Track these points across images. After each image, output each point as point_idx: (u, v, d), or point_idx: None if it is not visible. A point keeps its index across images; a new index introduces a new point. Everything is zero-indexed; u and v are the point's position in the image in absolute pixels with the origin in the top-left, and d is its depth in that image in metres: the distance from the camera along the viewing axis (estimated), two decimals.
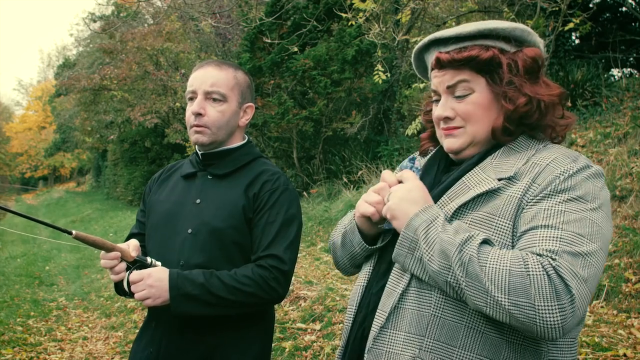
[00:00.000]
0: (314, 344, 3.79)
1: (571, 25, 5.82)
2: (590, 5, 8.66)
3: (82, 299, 7.11)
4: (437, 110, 1.21)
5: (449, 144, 1.21)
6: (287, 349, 3.74)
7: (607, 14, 9.87)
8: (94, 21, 22.87)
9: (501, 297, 0.96)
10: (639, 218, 4.29)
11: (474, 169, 1.17)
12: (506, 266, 0.97)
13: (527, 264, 0.96)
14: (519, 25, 1.18)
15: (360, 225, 1.27)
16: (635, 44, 9.35)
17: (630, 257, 3.90)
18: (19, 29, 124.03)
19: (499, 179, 1.11)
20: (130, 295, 1.54)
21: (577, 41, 9.84)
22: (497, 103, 1.17)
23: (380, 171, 7.79)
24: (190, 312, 1.52)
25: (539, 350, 1.07)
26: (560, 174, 1.07)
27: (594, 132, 6.14)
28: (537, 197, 1.06)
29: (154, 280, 1.49)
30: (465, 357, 1.06)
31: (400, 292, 1.13)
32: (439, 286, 1.08)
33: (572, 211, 1.03)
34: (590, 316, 3.46)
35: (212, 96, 1.64)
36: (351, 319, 1.25)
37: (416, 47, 1.28)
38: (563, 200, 1.04)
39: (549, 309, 0.94)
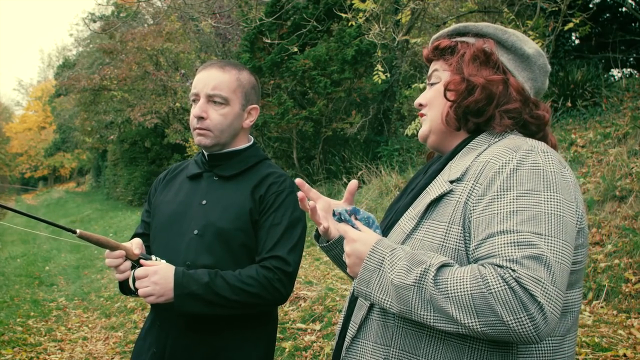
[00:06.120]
0: (314, 344, 3.79)
1: (571, 25, 5.81)
2: (590, 6, 8.66)
3: (82, 299, 7.10)
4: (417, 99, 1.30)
5: (419, 132, 1.28)
6: (287, 349, 3.74)
7: (607, 14, 9.88)
8: (94, 21, 22.84)
9: (471, 322, 0.94)
10: (639, 218, 4.29)
11: (437, 177, 1.18)
12: (467, 290, 0.94)
13: (487, 281, 0.93)
14: (495, 26, 1.21)
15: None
16: (635, 44, 9.36)
17: (630, 257, 3.90)
18: (19, 29, 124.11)
19: (451, 181, 1.11)
20: (136, 293, 1.53)
21: (577, 41, 9.85)
22: None
23: (381, 171, 7.79)
24: (194, 311, 1.52)
25: (506, 355, 1.05)
26: (500, 168, 1.04)
27: (594, 132, 6.14)
28: (486, 199, 1.03)
29: (159, 278, 1.49)
30: None
31: (368, 305, 1.17)
32: None
33: (526, 208, 0.98)
34: (590, 316, 3.46)
35: (214, 99, 1.63)
36: (341, 324, 1.28)
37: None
38: (513, 198, 1.00)
39: (519, 322, 0.92)
